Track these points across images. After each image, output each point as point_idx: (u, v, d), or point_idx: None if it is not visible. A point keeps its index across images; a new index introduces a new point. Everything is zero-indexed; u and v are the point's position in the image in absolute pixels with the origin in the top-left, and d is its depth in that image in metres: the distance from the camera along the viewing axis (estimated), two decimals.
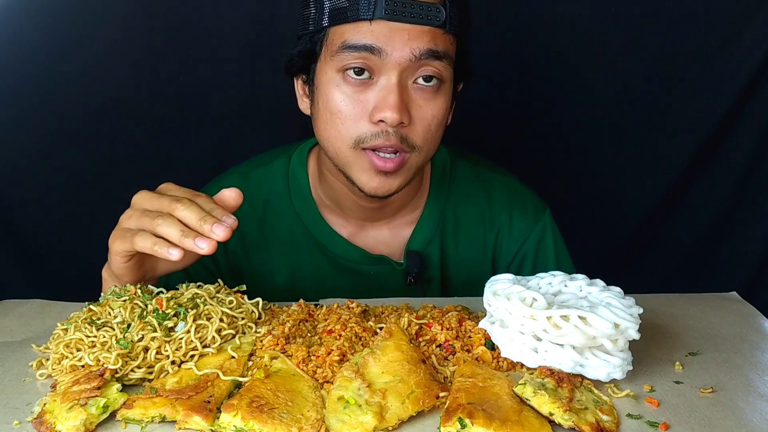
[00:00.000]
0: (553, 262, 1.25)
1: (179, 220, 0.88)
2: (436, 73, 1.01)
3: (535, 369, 0.82)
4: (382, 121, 1.00)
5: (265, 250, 1.22)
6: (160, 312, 0.87)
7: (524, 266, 1.25)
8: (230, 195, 0.94)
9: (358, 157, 1.04)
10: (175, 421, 0.75)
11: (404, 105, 1.00)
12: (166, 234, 0.88)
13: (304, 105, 1.13)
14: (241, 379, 0.82)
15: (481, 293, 0.92)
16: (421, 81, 1.02)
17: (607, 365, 0.81)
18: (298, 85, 1.14)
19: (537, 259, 1.25)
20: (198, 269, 1.19)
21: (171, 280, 1.05)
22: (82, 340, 0.85)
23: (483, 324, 0.90)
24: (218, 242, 1.20)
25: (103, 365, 0.81)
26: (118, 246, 0.93)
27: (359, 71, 1.00)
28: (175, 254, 0.88)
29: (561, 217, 1.29)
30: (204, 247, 0.87)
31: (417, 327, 0.91)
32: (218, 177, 1.27)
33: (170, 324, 0.86)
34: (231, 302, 0.93)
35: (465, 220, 1.23)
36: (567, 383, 0.78)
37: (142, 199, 0.94)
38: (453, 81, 1.07)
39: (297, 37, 1.08)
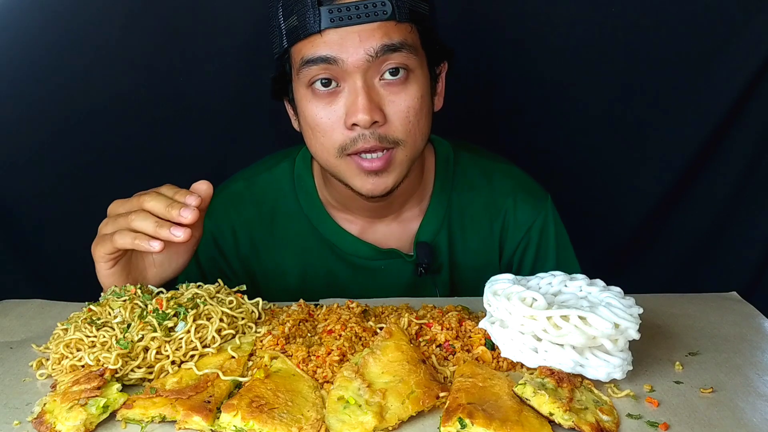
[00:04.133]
0: (553, 249, 1.26)
1: (151, 213, 0.91)
2: (400, 65, 1.02)
3: (535, 369, 0.82)
4: (355, 125, 1.02)
5: (275, 253, 1.24)
6: (160, 312, 0.87)
7: (528, 252, 1.26)
8: (200, 187, 0.96)
9: (346, 163, 1.06)
10: (175, 421, 0.75)
11: (374, 105, 1.01)
12: (140, 227, 0.91)
13: (295, 124, 1.16)
14: (241, 379, 0.82)
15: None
16: (387, 76, 1.02)
17: (607, 365, 0.81)
18: (288, 107, 1.16)
19: (540, 246, 1.26)
20: (213, 272, 1.22)
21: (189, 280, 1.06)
22: (82, 340, 0.85)
23: (483, 324, 0.90)
24: (219, 241, 1.21)
25: (103, 365, 0.81)
26: (99, 251, 0.96)
27: (326, 82, 1.03)
28: (155, 245, 0.91)
29: (562, 218, 1.29)
30: (179, 235, 0.90)
31: (417, 327, 0.91)
32: (223, 183, 1.28)
33: (170, 324, 0.86)
34: (231, 302, 0.93)
35: (471, 209, 1.24)
36: (567, 383, 0.78)
37: (114, 206, 0.98)
38: (427, 66, 1.08)
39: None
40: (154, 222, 0.91)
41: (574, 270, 0.94)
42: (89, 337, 0.85)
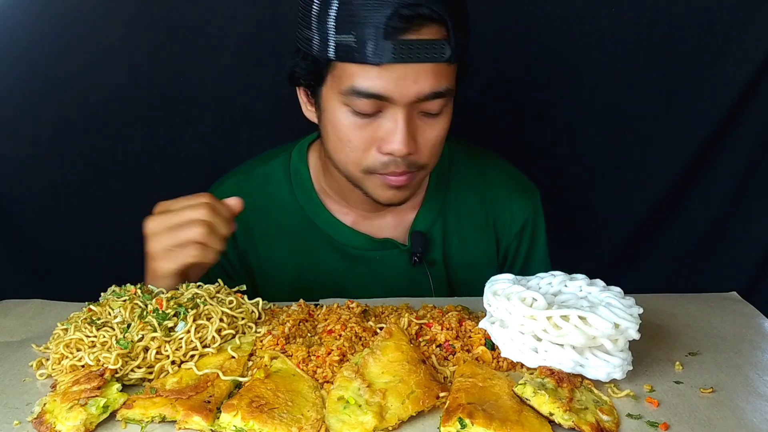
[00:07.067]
0: (543, 244, 1.30)
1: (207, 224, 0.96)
2: (439, 108, 1.05)
3: (535, 369, 0.82)
4: (390, 153, 1.04)
5: (272, 245, 1.25)
6: (160, 312, 0.87)
7: (522, 246, 1.29)
8: (233, 203, 1.01)
9: (371, 178, 1.08)
10: (175, 421, 0.75)
11: (411, 137, 1.03)
12: (208, 240, 0.97)
13: (309, 113, 1.15)
14: (241, 379, 0.82)
15: (484, 275, 0.94)
16: (426, 111, 1.05)
17: (607, 365, 0.81)
18: (301, 93, 1.15)
19: (532, 240, 1.30)
20: (215, 269, 1.21)
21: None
22: (82, 340, 0.85)
23: (483, 324, 0.90)
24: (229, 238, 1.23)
25: (103, 365, 0.81)
26: (171, 265, 0.98)
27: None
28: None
29: (562, 218, 1.30)
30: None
31: (417, 327, 0.91)
32: (222, 178, 1.29)
33: (170, 324, 0.86)
34: (231, 302, 0.93)
35: (466, 203, 1.27)
36: (567, 383, 0.78)
37: (158, 223, 0.98)
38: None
39: (296, 49, 1.08)
40: (217, 236, 0.98)
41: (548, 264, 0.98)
42: (89, 337, 0.85)
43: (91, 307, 0.91)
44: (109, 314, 0.89)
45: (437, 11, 0.97)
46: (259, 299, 0.97)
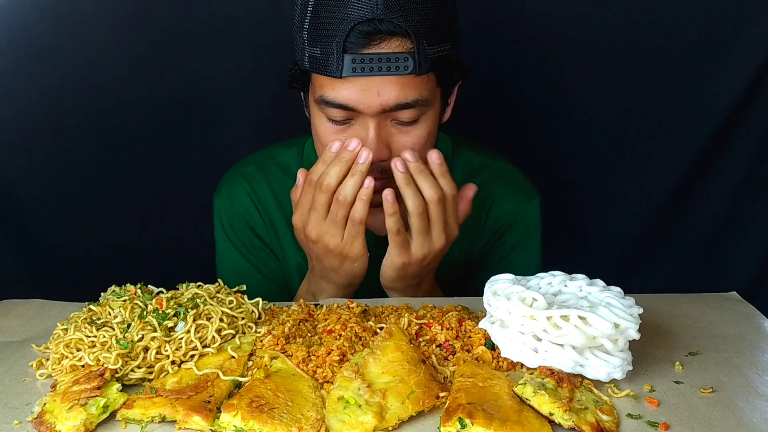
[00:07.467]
0: (534, 250, 1.28)
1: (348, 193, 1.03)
2: (411, 118, 1.06)
3: (535, 369, 0.82)
4: None
5: (283, 236, 1.27)
6: (160, 312, 0.87)
7: (502, 246, 1.28)
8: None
9: None
10: (175, 421, 0.75)
11: (382, 144, 1.06)
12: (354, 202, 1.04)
13: (307, 112, 1.17)
14: (241, 379, 0.82)
15: (475, 267, 0.93)
16: (398, 119, 1.06)
17: (607, 365, 0.81)
18: (303, 95, 1.17)
19: (518, 244, 1.28)
20: (253, 253, 1.26)
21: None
22: (82, 340, 0.85)
23: (483, 324, 0.90)
24: (249, 220, 1.27)
25: (103, 365, 0.81)
26: (361, 246, 1.06)
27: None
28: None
29: (563, 220, 1.29)
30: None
31: (417, 327, 0.91)
32: (235, 167, 1.31)
33: (170, 324, 0.86)
34: (231, 302, 0.93)
35: None
36: (567, 383, 0.78)
37: (316, 225, 1.06)
38: (440, 99, 1.11)
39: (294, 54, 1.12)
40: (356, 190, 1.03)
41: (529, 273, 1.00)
42: (89, 337, 0.85)
43: (91, 307, 0.91)
44: (109, 314, 0.89)
45: (400, 25, 0.99)
46: (259, 299, 0.98)
